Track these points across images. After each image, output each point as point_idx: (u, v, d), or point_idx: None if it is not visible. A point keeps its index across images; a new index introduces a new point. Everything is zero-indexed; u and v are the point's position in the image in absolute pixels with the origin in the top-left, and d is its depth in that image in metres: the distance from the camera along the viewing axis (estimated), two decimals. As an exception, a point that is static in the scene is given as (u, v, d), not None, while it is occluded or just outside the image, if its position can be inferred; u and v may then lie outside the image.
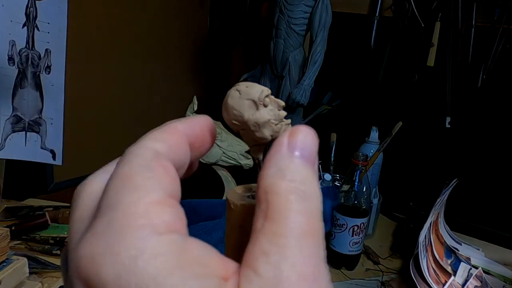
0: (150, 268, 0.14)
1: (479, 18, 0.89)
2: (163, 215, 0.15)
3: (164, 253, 0.14)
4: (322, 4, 0.86)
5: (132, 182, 0.16)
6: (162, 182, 0.16)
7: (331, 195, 0.85)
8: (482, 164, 1.01)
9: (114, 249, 0.14)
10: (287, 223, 0.15)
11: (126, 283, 0.14)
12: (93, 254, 0.14)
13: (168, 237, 0.14)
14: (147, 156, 0.17)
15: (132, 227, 0.14)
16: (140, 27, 1.03)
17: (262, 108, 0.19)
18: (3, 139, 0.72)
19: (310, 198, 0.16)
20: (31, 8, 0.72)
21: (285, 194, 0.16)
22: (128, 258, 0.14)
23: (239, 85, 0.19)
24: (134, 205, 0.15)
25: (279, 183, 0.16)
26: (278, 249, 0.14)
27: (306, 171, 0.17)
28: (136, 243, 0.14)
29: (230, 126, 0.19)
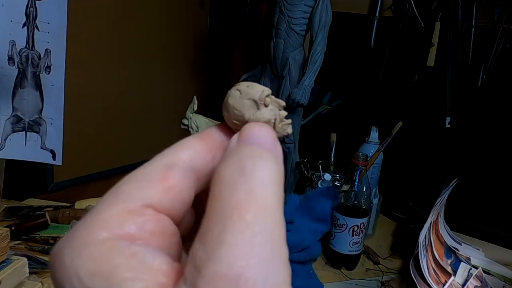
0: (80, 270, 0.14)
1: (479, 18, 0.89)
2: (121, 224, 0.15)
3: (98, 257, 0.14)
4: (322, 4, 0.86)
5: (119, 189, 0.16)
6: (146, 192, 0.16)
7: (331, 195, 0.85)
8: (482, 164, 1.01)
9: (64, 246, 0.15)
10: (215, 215, 0.14)
11: (60, 280, 0.14)
12: (54, 251, 0.15)
13: (113, 244, 0.14)
14: (155, 166, 0.17)
15: (87, 230, 0.15)
16: (140, 27, 1.03)
17: (263, 108, 0.19)
18: (3, 139, 0.72)
19: (251, 179, 0.14)
20: (31, 8, 0.72)
21: (223, 172, 0.15)
22: (69, 257, 0.14)
23: (240, 85, 0.19)
24: (102, 210, 0.15)
25: (218, 170, 0.15)
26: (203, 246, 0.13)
27: (248, 151, 0.16)
28: (81, 244, 0.14)
29: (230, 126, 0.19)
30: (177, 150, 0.17)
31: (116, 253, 0.14)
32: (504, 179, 0.98)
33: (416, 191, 1.04)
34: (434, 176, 1.04)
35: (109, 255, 0.14)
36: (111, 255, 0.14)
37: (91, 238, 0.14)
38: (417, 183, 1.07)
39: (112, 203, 0.15)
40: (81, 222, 0.15)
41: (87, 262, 0.14)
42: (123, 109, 1.02)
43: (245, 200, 0.14)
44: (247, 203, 0.14)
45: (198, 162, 0.18)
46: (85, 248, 0.14)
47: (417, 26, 0.94)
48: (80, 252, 0.14)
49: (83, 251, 0.14)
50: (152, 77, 1.11)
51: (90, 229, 0.15)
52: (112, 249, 0.14)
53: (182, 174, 0.17)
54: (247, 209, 0.13)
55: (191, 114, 0.97)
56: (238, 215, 0.13)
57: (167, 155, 0.17)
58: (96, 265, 0.14)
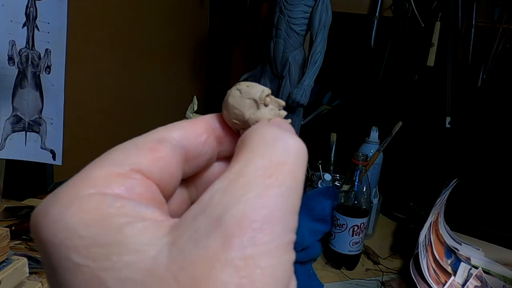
0: (70, 221, 0.14)
1: (479, 18, 0.89)
2: (109, 184, 0.15)
3: (88, 209, 0.14)
4: (322, 4, 0.86)
5: (108, 155, 0.16)
6: (136, 158, 0.16)
7: (331, 195, 0.85)
8: (482, 164, 1.01)
9: (49, 203, 0.15)
10: (253, 163, 0.15)
11: (47, 237, 0.14)
12: (36, 210, 0.15)
13: (101, 197, 0.14)
14: (146, 138, 0.17)
15: (74, 188, 0.15)
16: (140, 27, 1.03)
17: (263, 108, 0.19)
18: (3, 139, 0.72)
19: (289, 152, 0.15)
20: (31, 8, 0.72)
21: (261, 133, 0.16)
22: (56, 211, 0.14)
23: (240, 85, 0.19)
24: (89, 172, 0.15)
25: (258, 127, 0.17)
26: (234, 188, 0.14)
27: (285, 127, 0.17)
28: (68, 199, 0.14)
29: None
30: (169, 128, 0.18)
31: (107, 205, 0.14)
32: (504, 179, 0.98)
33: (416, 191, 1.04)
34: (434, 176, 1.04)
35: (99, 206, 0.14)
36: (101, 206, 0.14)
37: (78, 194, 0.14)
38: (417, 183, 1.07)
39: (99, 166, 0.15)
40: (66, 183, 0.15)
41: (77, 214, 0.14)
42: (123, 108, 1.02)
43: (280, 162, 0.15)
44: (281, 165, 0.15)
45: (189, 142, 0.18)
46: (73, 202, 0.14)
47: (417, 26, 0.94)
48: (68, 206, 0.14)
49: (71, 205, 0.14)
50: (152, 77, 1.11)
51: (76, 187, 0.15)
52: (101, 201, 0.14)
53: (171, 149, 0.17)
54: (280, 170, 0.15)
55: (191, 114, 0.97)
56: (272, 172, 0.14)
57: (159, 131, 0.18)
58: (87, 215, 0.14)
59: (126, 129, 1.02)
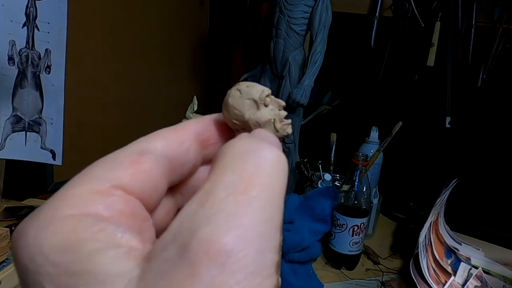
0: (44, 246, 0.13)
1: (479, 18, 0.89)
2: (88, 202, 0.14)
3: (64, 232, 0.13)
4: (322, 4, 0.86)
5: (88, 170, 0.15)
6: (116, 173, 0.15)
7: (331, 195, 0.85)
8: (482, 164, 1.01)
9: (27, 224, 0.14)
10: (222, 180, 0.14)
11: (22, 260, 0.13)
12: (16, 230, 0.15)
13: (79, 219, 0.13)
14: (127, 151, 0.16)
15: (52, 207, 0.14)
16: (140, 27, 1.03)
17: (263, 108, 0.19)
18: (3, 139, 0.72)
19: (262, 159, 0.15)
20: (31, 8, 0.72)
21: (233, 147, 0.15)
22: (31, 234, 0.13)
23: (240, 85, 0.19)
24: (68, 190, 0.15)
25: (231, 141, 0.16)
26: (204, 209, 0.13)
27: (261, 137, 0.17)
28: (45, 220, 0.14)
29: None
30: (151, 139, 0.17)
31: (83, 228, 0.13)
32: (504, 179, 0.98)
33: (416, 191, 1.04)
34: (434, 176, 1.04)
35: (75, 229, 0.13)
36: (77, 229, 0.13)
37: (55, 215, 0.14)
38: (417, 183, 1.07)
39: (79, 183, 0.15)
40: (46, 202, 0.15)
41: (51, 237, 0.13)
42: (123, 108, 1.02)
43: (253, 176, 0.14)
44: (254, 179, 0.14)
45: (172, 152, 0.17)
46: (50, 224, 0.13)
47: (417, 26, 0.94)
48: (43, 229, 0.13)
49: (47, 227, 0.13)
50: (152, 77, 1.11)
51: (54, 207, 0.14)
52: (78, 224, 0.13)
53: (154, 161, 0.16)
54: (253, 184, 0.14)
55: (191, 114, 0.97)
56: (244, 188, 0.13)
57: (140, 142, 0.17)
58: (62, 240, 0.13)
59: (126, 129, 1.02)
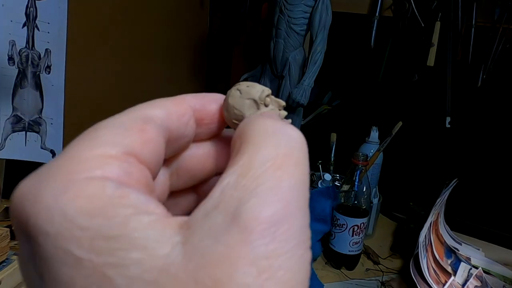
0: (68, 209, 0.12)
1: (479, 18, 0.89)
2: (106, 166, 0.13)
3: (88, 196, 0.12)
4: (322, 4, 0.86)
5: (95, 133, 0.14)
6: (127, 140, 0.14)
7: (331, 195, 0.85)
8: (482, 164, 1.01)
9: (40, 186, 0.13)
10: (260, 155, 0.14)
11: (36, 223, 0.12)
12: (22, 192, 0.13)
13: (101, 183, 0.13)
14: (131, 117, 0.16)
15: (67, 169, 0.13)
16: (140, 27, 1.03)
17: (263, 108, 0.19)
18: (3, 139, 0.72)
19: (281, 136, 0.15)
20: (31, 8, 0.72)
21: (261, 125, 0.15)
22: (50, 196, 0.13)
23: (240, 85, 0.19)
24: (80, 152, 0.14)
25: (255, 119, 0.16)
26: (245, 181, 0.13)
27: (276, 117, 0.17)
28: (63, 183, 0.13)
29: (230, 125, 0.19)
30: (152, 107, 0.17)
31: (108, 193, 0.13)
32: (504, 179, 0.98)
33: (416, 191, 1.04)
34: (434, 176, 1.04)
35: (100, 193, 0.13)
36: (102, 194, 0.13)
37: (73, 178, 0.13)
38: (417, 183, 1.07)
39: (90, 146, 0.14)
40: (52, 163, 0.14)
41: (75, 201, 0.12)
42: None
43: (286, 153, 0.14)
44: (287, 156, 0.14)
45: (172, 123, 0.17)
46: (70, 187, 0.13)
47: (417, 26, 0.94)
48: (63, 191, 0.13)
49: (67, 190, 0.13)
50: (152, 77, 1.11)
51: (71, 170, 0.13)
52: (102, 188, 0.13)
53: (157, 130, 0.16)
54: (288, 161, 0.14)
55: (191, 114, 0.97)
56: (279, 164, 0.14)
57: (142, 109, 0.16)
58: (87, 203, 0.12)
59: (126, 129, 1.02)
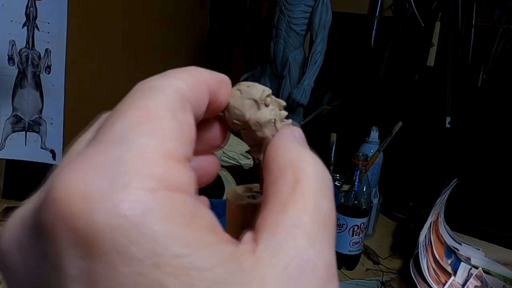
0: (158, 231, 0.11)
1: (479, 18, 0.89)
2: (177, 174, 0.12)
3: (174, 216, 0.12)
4: (322, 4, 0.86)
5: (154, 122, 0.13)
6: (184, 137, 0.14)
7: (331, 195, 0.85)
8: (482, 164, 1.01)
9: (114, 190, 0.11)
10: (316, 206, 0.14)
11: (124, 241, 0.11)
12: (86, 189, 0.11)
13: (182, 197, 0.12)
14: (175, 96, 0.14)
15: (143, 174, 0.12)
16: (140, 27, 1.03)
17: (264, 108, 0.19)
18: (3, 139, 0.72)
19: (330, 188, 0.16)
20: (31, 8, 0.72)
21: (314, 170, 0.15)
22: (136, 213, 0.11)
23: (240, 85, 0.19)
24: (151, 149, 0.12)
25: (307, 157, 0.16)
26: (306, 230, 0.14)
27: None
28: (146, 196, 0.11)
29: (230, 125, 0.19)
30: (180, 81, 0.15)
31: (190, 211, 0.12)
32: (504, 179, 0.98)
33: (416, 191, 1.04)
34: (434, 176, 1.04)
35: (185, 213, 0.12)
36: (186, 213, 0.12)
37: (151, 187, 0.12)
38: (417, 183, 1.07)
39: (160, 144, 0.13)
40: (117, 155, 0.12)
41: (166, 222, 0.11)
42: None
43: (321, 191, 0.15)
44: (322, 195, 0.15)
45: (193, 98, 0.15)
46: (154, 199, 0.11)
47: (417, 26, 0.94)
48: (148, 205, 0.11)
49: (154, 204, 0.11)
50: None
51: (142, 174, 0.12)
52: (184, 204, 0.12)
53: (193, 119, 0.15)
54: (322, 200, 0.15)
55: (191, 114, 0.97)
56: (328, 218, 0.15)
57: (178, 89, 0.15)
58: (177, 226, 0.11)
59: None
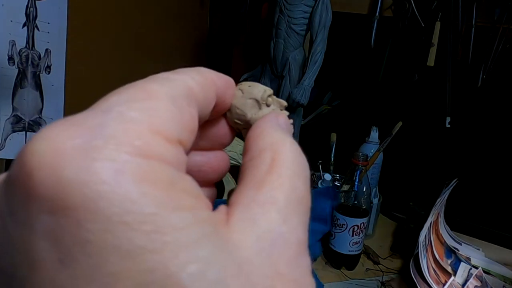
0: (132, 191, 0.11)
1: (479, 18, 0.89)
2: (162, 149, 0.12)
3: (151, 179, 0.11)
4: (322, 4, 0.86)
5: (151, 101, 0.13)
6: (182, 122, 0.14)
7: (331, 195, 0.85)
8: (482, 164, 1.01)
9: (90, 151, 0.11)
10: (291, 186, 0.15)
11: (95, 197, 0.10)
12: (60, 146, 0.11)
13: (161, 165, 0.12)
14: (181, 88, 0.15)
15: (123, 140, 0.11)
16: (140, 27, 1.03)
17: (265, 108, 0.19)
18: (3, 139, 0.72)
19: (306, 173, 0.16)
20: (31, 8, 0.72)
21: (291, 154, 0.16)
22: (109, 171, 0.11)
23: (242, 85, 0.19)
24: (138, 122, 0.12)
25: (286, 141, 0.16)
26: (280, 207, 0.14)
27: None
28: (122, 157, 0.11)
29: (232, 125, 0.19)
30: (190, 79, 0.16)
31: (170, 178, 0.12)
32: (504, 179, 0.98)
33: (416, 191, 1.04)
34: (434, 176, 1.04)
35: (163, 178, 0.12)
36: (166, 179, 0.12)
37: (133, 152, 0.12)
38: (417, 183, 1.07)
39: (151, 123, 0.13)
40: (104, 121, 0.12)
41: (141, 184, 0.11)
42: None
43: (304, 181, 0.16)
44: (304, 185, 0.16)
45: (201, 100, 0.16)
46: (131, 163, 0.11)
47: (417, 26, 0.94)
48: (126, 168, 0.11)
49: (130, 168, 0.11)
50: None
51: (124, 141, 0.12)
52: (163, 171, 0.12)
53: (196, 113, 0.15)
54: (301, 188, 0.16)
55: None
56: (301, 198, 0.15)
57: (182, 84, 0.15)
58: (153, 189, 0.11)
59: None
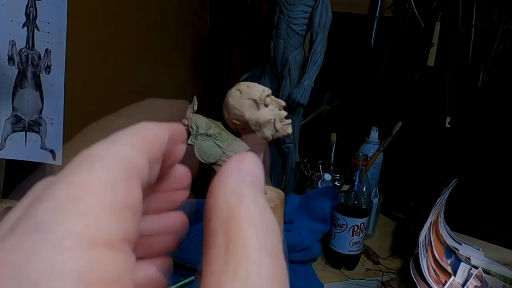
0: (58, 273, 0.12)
1: (479, 18, 0.89)
2: (102, 265, 0.13)
3: (70, 271, 0.12)
4: (322, 4, 0.86)
5: (83, 201, 0.14)
6: (123, 212, 0.14)
7: (331, 195, 0.85)
8: (482, 164, 1.01)
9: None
10: (255, 268, 0.14)
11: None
12: None
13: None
14: (113, 167, 0.15)
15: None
16: (140, 27, 1.03)
17: (263, 108, 0.19)
18: (3, 139, 0.72)
19: (273, 232, 0.15)
20: (31, 8, 0.72)
21: (247, 228, 0.14)
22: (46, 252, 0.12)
23: (240, 85, 0.19)
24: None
25: (238, 213, 0.15)
26: None
27: (262, 199, 0.15)
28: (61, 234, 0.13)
29: (230, 125, 0.19)
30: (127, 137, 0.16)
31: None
32: (504, 179, 0.98)
33: (416, 191, 1.04)
34: (434, 176, 1.04)
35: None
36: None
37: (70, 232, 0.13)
38: (417, 183, 1.07)
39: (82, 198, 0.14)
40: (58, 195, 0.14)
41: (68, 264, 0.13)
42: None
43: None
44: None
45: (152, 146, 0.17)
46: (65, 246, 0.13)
47: (417, 26, 0.94)
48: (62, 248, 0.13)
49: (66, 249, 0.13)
50: (152, 77, 1.11)
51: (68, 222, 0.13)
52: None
53: (140, 187, 0.16)
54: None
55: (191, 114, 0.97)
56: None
57: (125, 154, 0.16)
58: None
59: (126, 129, 1.01)
